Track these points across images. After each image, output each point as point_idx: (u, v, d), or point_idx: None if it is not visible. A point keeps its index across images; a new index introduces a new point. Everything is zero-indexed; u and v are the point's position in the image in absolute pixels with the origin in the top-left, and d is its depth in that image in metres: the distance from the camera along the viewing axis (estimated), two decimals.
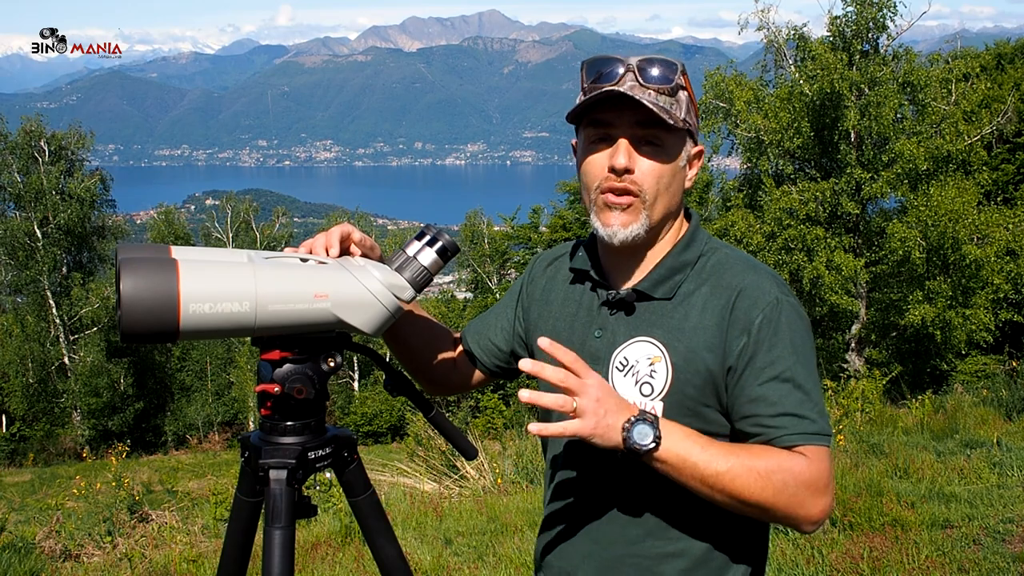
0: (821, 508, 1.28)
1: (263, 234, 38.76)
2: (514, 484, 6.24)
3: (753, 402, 1.31)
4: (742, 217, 18.28)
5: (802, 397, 1.30)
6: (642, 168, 1.34)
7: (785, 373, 1.30)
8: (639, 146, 1.34)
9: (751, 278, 1.36)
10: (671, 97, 1.34)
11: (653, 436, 1.21)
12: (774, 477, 1.25)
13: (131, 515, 6.51)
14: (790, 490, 1.25)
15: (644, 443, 1.21)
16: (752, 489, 1.25)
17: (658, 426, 1.22)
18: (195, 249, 1.22)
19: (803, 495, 1.26)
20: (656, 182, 1.34)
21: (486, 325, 1.66)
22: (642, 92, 1.32)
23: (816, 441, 1.29)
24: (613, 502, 1.41)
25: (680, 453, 1.24)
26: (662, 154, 1.35)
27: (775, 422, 1.29)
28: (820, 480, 1.27)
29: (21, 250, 28.93)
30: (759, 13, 19.64)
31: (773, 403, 1.30)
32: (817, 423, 1.29)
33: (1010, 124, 19.33)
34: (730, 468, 1.24)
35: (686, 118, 1.36)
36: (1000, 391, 8.48)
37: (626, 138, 1.33)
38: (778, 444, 1.29)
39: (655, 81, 1.33)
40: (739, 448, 1.28)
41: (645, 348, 1.37)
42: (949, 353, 18.32)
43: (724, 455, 1.25)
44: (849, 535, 4.16)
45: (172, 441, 29.71)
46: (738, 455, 1.26)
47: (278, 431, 1.30)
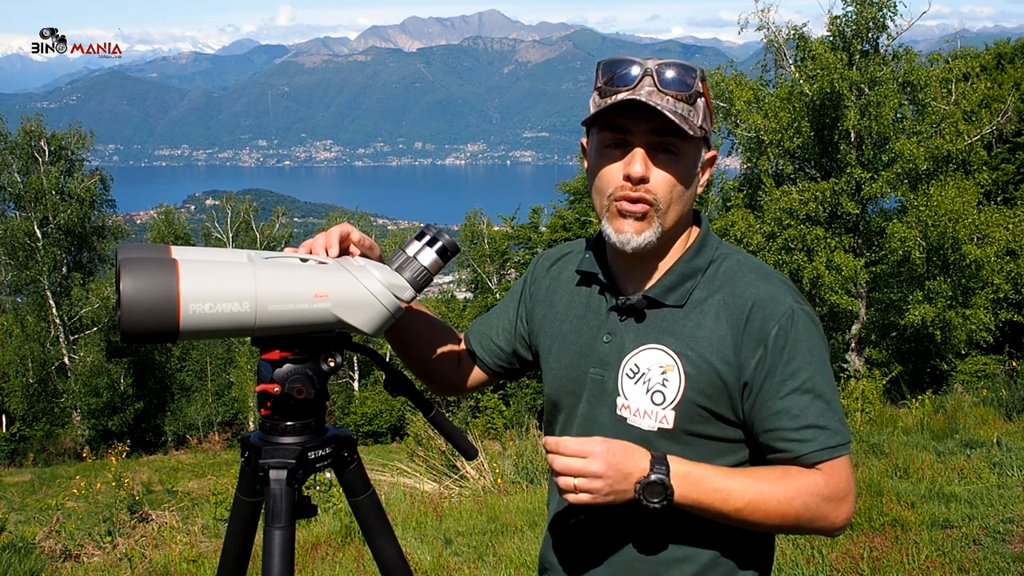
0: (845, 515, 1.31)
1: (263, 234, 38.77)
2: (514, 484, 6.24)
3: (776, 415, 1.31)
4: (742, 217, 18.28)
5: (823, 407, 1.31)
6: (657, 177, 1.32)
7: (806, 384, 1.31)
8: (655, 154, 1.32)
9: (765, 288, 1.35)
10: (689, 104, 1.32)
11: (663, 496, 1.25)
12: (794, 503, 1.28)
13: (131, 515, 6.50)
14: (812, 509, 1.29)
15: (654, 502, 1.25)
16: (774, 517, 1.28)
17: (669, 483, 1.25)
18: (195, 249, 1.22)
19: (825, 509, 1.29)
20: (671, 191, 1.33)
21: (488, 325, 1.66)
22: (660, 98, 1.29)
23: (839, 453, 1.30)
24: (621, 506, 1.40)
25: (697, 498, 1.27)
26: (678, 162, 1.33)
27: (799, 435, 1.30)
28: (839, 491, 1.30)
29: (21, 250, 28.92)
30: (759, 13, 19.65)
31: (795, 416, 1.30)
32: (839, 432, 1.31)
33: (1010, 124, 19.34)
34: (747, 503, 1.27)
35: (703, 125, 1.34)
36: (1000, 391, 8.48)
37: (642, 146, 1.31)
38: (803, 462, 1.30)
39: (674, 87, 1.30)
40: (756, 477, 1.30)
41: (657, 356, 1.36)
42: (949, 353, 18.32)
43: (741, 490, 1.27)
44: (849, 535, 4.16)
45: (172, 441, 29.71)
46: (756, 486, 1.28)
47: (278, 431, 1.30)
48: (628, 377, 1.38)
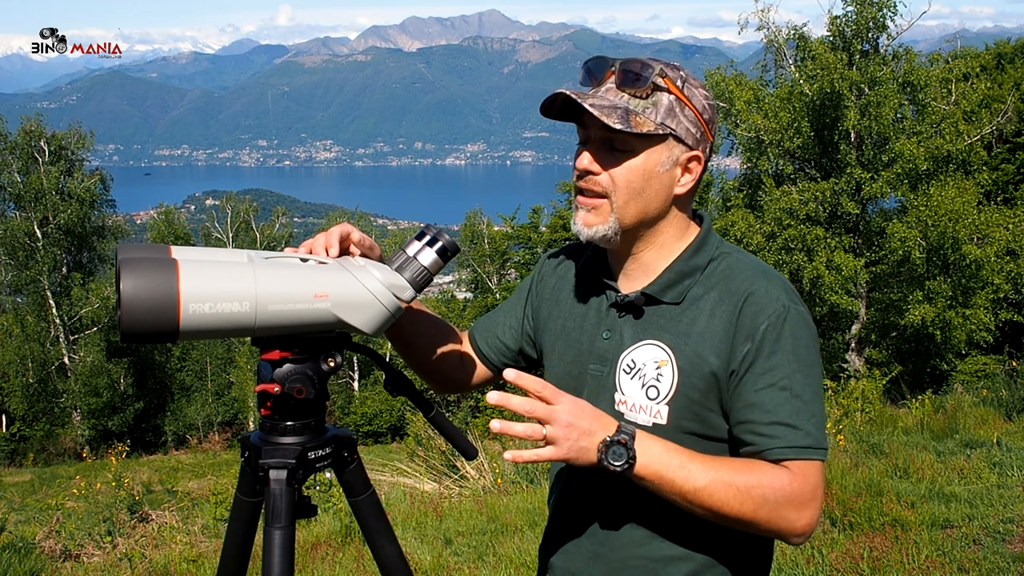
0: (805, 522, 1.27)
1: (263, 234, 38.78)
2: (514, 484, 6.24)
3: (749, 408, 1.31)
4: (742, 217, 18.29)
5: (799, 406, 1.29)
6: (612, 172, 1.35)
7: (783, 381, 1.30)
8: (608, 150, 1.35)
9: (761, 284, 1.36)
10: (644, 100, 1.32)
11: (626, 458, 1.23)
12: (753, 492, 1.25)
13: (131, 515, 6.50)
14: (770, 505, 1.26)
15: (617, 464, 1.23)
16: (731, 504, 1.25)
17: (632, 446, 1.23)
18: (195, 249, 1.22)
19: (784, 510, 1.26)
20: (625, 185, 1.34)
21: (494, 323, 1.66)
22: (616, 95, 1.33)
23: (806, 455, 1.28)
24: (619, 504, 1.41)
25: (657, 470, 1.25)
26: (631, 158, 1.34)
27: (768, 431, 1.29)
28: (803, 495, 1.27)
29: (21, 250, 28.94)
30: (759, 13, 19.66)
31: (768, 411, 1.29)
32: (811, 435, 1.29)
33: (1010, 124, 19.34)
34: (708, 484, 1.25)
35: (665, 122, 1.32)
36: (1000, 391, 8.47)
37: (597, 140, 1.35)
38: (768, 457, 1.29)
39: (627, 83, 1.33)
40: (720, 463, 1.28)
41: (652, 352, 1.37)
42: (949, 353, 18.32)
43: (704, 471, 1.25)
44: (849, 535, 4.16)
45: (172, 441, 29.72)
46: (718, 470, 1.26)
47: (278, 431, 1.30)
48: (625, 373, 1.39)
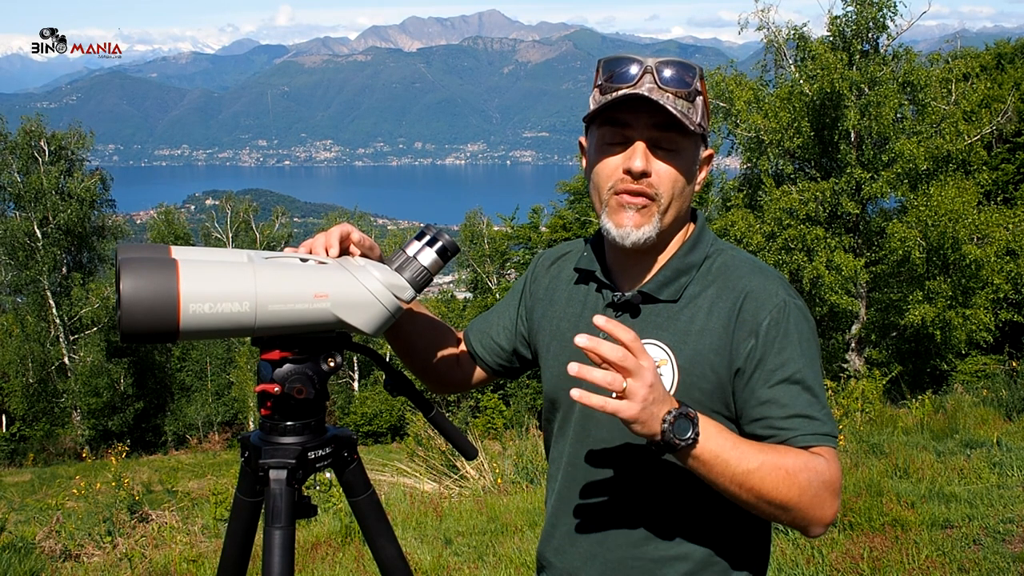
0: (835, 509, 1.29)
1: (263, 234, 38.77)
2: (514, 484, 6.24)
3: (764, 404, 1.30)
4: (742, 217, 18.29)
5: (811, 399, 1.30)
6: (659, 172, 1.33)
7: (796, 375, 1.30)
8: (655, 149, 1.33)
9: (758, 280, 1.36)
10: (688, 102, 1.33)
11: (692, 432, 1.19)
12: (800, 476, 1.24)
13: (131, 515, 6.50)
14: (813, 489, 1.25)
15: (683, 438, 1.18)
16: (780, 488, 1.23)
17: (698, 423, 1.20)
18: (195, 249, 1.22)
19: (824, 495, 1.26)
20: (672, 186, 1.34)
21: (488, 324, 1.66)
22: (660, 95, 1.31)
23: (827, 442, 1.29)
24: (617, 504, 1.41)
25: (714, 450, 1.21)
26: (677, 158, 1.34)
27: (787, 424, 1.29)
28: (837, 481, 1.28)
29: (21, 250, 28.92)
30: (759, 13, 19.67)
31: (784, 405, 1.29)
32: (827, 424, 1.30)
33: (1010, 124, 19.35)
34: (760, 466, 1.22)
35: (701, 123, 1.35)
36: (1000, 391, 8.48)
37: (643, 141, 1.32)
38: (792, 444, 1.28)
39: (673, 84, 1.32)
40: (766, 447, 1.27)
41: (652, 351, 1.36)
42: (949, 353, 18.33)
43: (755, 453, 1.23)
44: (849, 535, 4.16)
45: (172, 441, 29.72)
46: (767, 453, 1.24)
47: (278, 431, 1.30)
48: None
